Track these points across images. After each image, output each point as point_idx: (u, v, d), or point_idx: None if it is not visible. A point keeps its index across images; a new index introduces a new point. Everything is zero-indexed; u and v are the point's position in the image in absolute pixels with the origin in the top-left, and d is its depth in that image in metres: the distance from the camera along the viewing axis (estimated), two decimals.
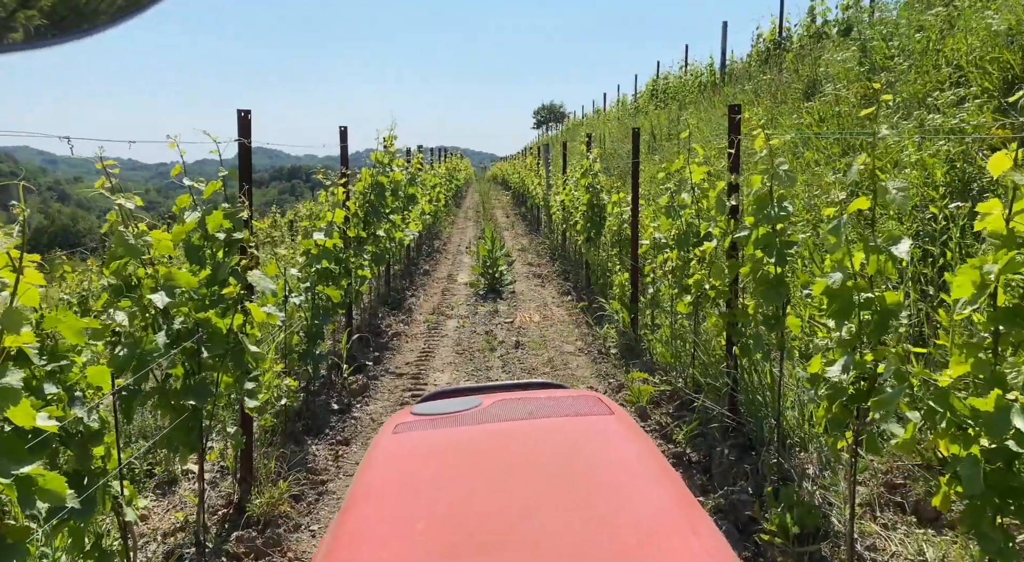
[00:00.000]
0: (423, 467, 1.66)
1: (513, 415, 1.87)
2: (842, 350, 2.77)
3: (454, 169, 26.49)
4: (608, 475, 1.58)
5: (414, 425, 1.88)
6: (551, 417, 1.87)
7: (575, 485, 1.49)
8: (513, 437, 1.75)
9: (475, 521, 1.39)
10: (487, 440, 1.75)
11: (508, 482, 1.53)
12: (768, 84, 10.32)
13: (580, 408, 1.92)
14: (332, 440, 5.30)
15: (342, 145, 7.11)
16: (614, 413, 1.89)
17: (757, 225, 3.48)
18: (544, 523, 1.35)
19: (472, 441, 1.75)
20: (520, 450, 1.69)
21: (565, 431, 1.79)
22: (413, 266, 13.12)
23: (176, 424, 3.24)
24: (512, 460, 1.64)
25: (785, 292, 3.49)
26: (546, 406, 1.94)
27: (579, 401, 1.99)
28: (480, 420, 1.85)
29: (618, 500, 1.45)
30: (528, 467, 1.59)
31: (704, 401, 4.63)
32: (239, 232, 3.79)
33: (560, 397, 2.05)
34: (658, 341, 6.50)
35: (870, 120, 2.68)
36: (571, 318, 9.07)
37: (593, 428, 1.81)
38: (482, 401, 2.01)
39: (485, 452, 1.69)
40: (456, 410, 1.94)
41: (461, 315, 9.44)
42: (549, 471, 1.56)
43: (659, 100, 19.83)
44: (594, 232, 9.72)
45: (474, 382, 6.49)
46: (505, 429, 1.79)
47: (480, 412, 1.92)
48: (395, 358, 7.42)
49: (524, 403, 1.97)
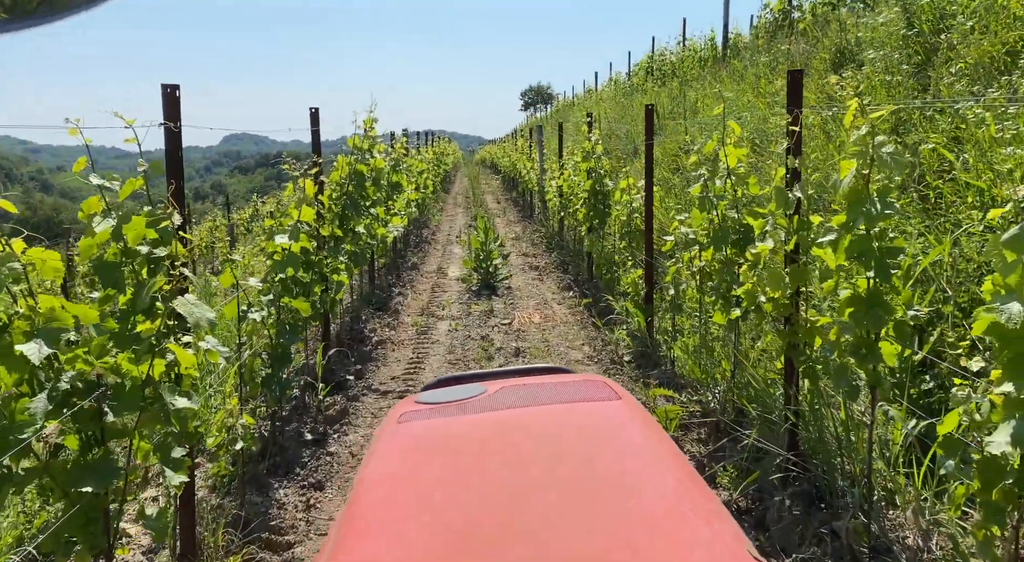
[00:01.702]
0: (429, 458, 1.63)
1: (520, 402, 1.83)
2: (1013, 412, 1.91)
3: (442, 153, 25.45)
4: (618, 463, 1.55)
5: (419, 414, 1.83)
6: (558, 404, 1.83)
7: (584, 475, 1.47)
8: (520, 426, 1.72)
9: (482, 513, 1.37)
10: (493, 429, 1.71)
11: (515, 472, 1.50)
12: (786, 55, 9.39)
13: (587, 393, 1.88)
14: (303, 482, 4.43)
15: (313, 129, 6.19)
16: (621, 398, 1.84)
17: (849, 226, 2.60)
18: (553, 515, 1.33)
19: (478, 430, 1.71)
20: (527, 439, 1.65)
21: (573, 418, 1.75)
22: (400, 259, 12.20)
23: (69, 516, 2.36)
24: (519, 450, 1.60)
25: (886, 314, 2.62)
26: (553, 392, 1.90)
27: (586, 386, 1.94)
28: (486, 408, 1.81)
29: (628, 488, 1.42)
30: (536, 456, 1.56)
31: (755, 438, 3.78)
32: (163, 247, 2.89)
33: (567, 382, 2.00)
34: (682, 351, 5.64)
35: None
36: (575, 318, 8.20)
37: (601, 414, 1.77)
38: (487, 388, 1.95)
39: (491, 442, 1.66)
40: (461, 398, 1.89)
41: (453, 316, 8.55)
42: (557, 460, 1.53)
43: (656, 77, 18.87)
44: (597, 221, 8.83)
45: None
46: (511, 417, 1.75)
47: (486, 399, 1.87)
48: (379, 371, 6.53)
49: (530, 389, 1.92)
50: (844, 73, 7.05)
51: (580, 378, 2.06)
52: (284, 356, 4.62)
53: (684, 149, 10.38)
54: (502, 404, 1.82)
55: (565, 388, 1.93)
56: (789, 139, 3.38)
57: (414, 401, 1.94)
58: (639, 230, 7.37)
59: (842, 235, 2.66)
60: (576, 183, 10.15)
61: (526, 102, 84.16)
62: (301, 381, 5.48)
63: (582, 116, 23.92)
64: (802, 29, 11.11)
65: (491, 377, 2.15)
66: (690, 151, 10.22)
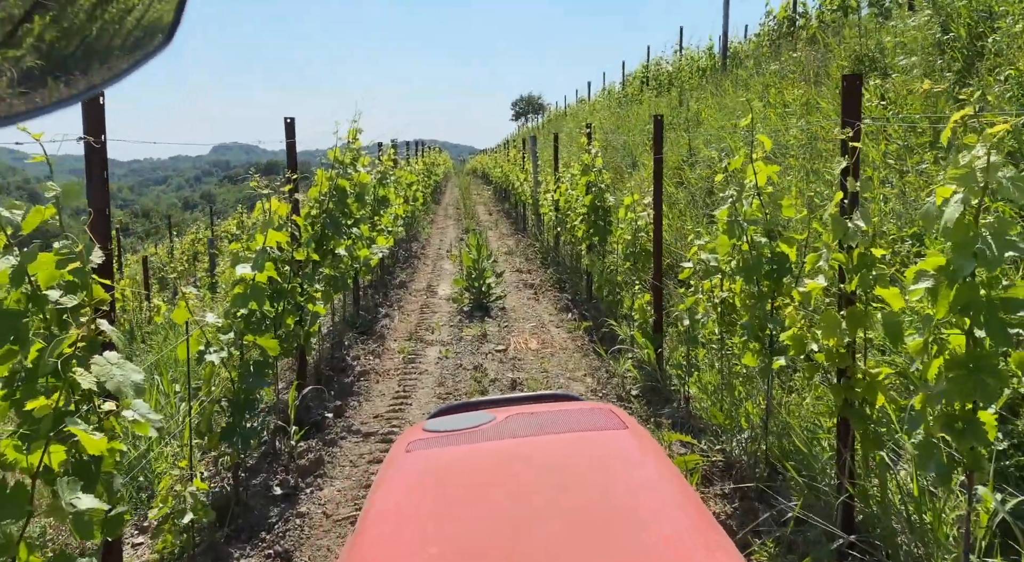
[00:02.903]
0: (437, 488, 1.61)
1: (528, 431, 1.81)
2: None
3: (432, 164, 24.82)
4: (626, 495, 1.53)
5: (427, 443, 1.81)
6: (567, 433, 1.80)
7: (592, 506, 1.46)
8: (528, 456, 1.71)
9: (490, 545, 1.35)
10: (502, 460, 1.70)
11: (523, 504, 1.49)
12: (797, 62, 8.84)
13: (596, 422, 1.87)
14: (268, 550, 3.81)
15: (288, 141, 5.59)
16: (629, 427, 1.83)
17: (953, 270, 2.02)
18: (560, 547, 1.32)
19: (487, 461, 1.70)
20: (536, 469, 1.64)
21: (582, 448, 1.75)
22: (388, 276, 11.58)
23: None
24: (528, 480, 1.59)
25: (999, 384, 2.04)
26: (561, 421, 1.88)
27: (593, 415, 1.93)
28: (494, 437, 1.79)
29: (637, 521, 1.41)
30: (544, 487, 1.55)
31: (800, 511, 3.18)
32: (75, 294, 2.29)
33: (575, 410, 1.99)
34: (699, 389, 5.06)
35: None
36: (575, 344, 7.60)
37: (610, 444, 1.76)
38: (495, 415, 1.93)
39: (500, 472, 1.64)
40: (469, 426, 1.87)
41: (443, 341, 7.94)
42: (565, 491, 1.52)
43: (653, 87, 18.36)
44: (597, 239, 8.25)
45: None
46: (520, 447, 1.74)
47: (494, 428, 1.85)
48: (362, 408, 5.91)
49: (539, 417, 1.90)
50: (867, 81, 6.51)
51: (588, 406, 2.04)
52: (248, 403, 4.01)
53: (688, 162, 9.83)
54: (511, 433, 1.81)
55: (573, 416, 1.92)
56: (848, 157, 2.80)
57: (422, 429, 1.93)
58: (645, 250, 6.81)
59: (940, 281, 2.08)
60: (574, 197, 9.58)
61: (517, 112, 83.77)
62: (271, 424, 4.86)
63: (575, 126, 23.37)
64: (809, 36, 10.59)
65: (499, 404, 2.13)
66: (695, 164, 9.67)
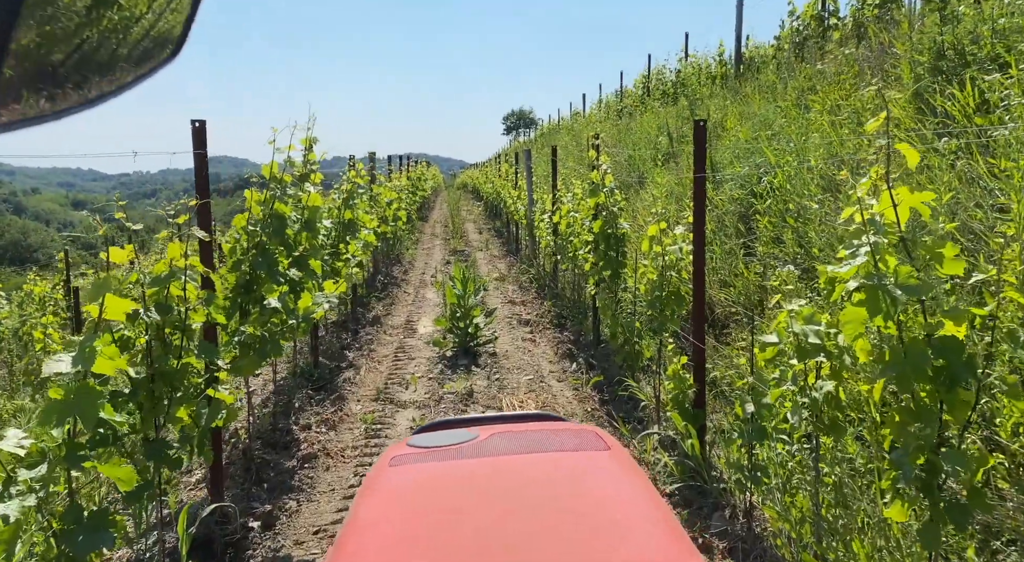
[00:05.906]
0: (419, 503, 1.62)
1: (511, 449, 1.82)
2: None
3: (419, 179, 23.23)
4: (604, 513, 1.54)
5: (411, 458, 1.83)
6: (548, 452, 1.82)
7: (574, 524, 1.47)
8: (511, 473, 1.71)
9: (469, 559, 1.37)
10: (484, 476, 1.70)
11: (505, 520, 1.49)
12: (848, 61, 7.35)
13: (578, 443, 1.87)
14: None
15: (197, 153, 4.06)
16: (610, 448, 1.83)
17: None
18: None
19: (470, 477, 1.71)
20: (518, 487, 1.64)
21: (562, 467, 1.75)
22: (361, 308, 10.02)
23: None
24: (510, 497, 1.59)
25: None
26: (544, 440, 1.89)
27: (577, 435, 1.93)
28: (477, 454, 1.80)
29: (613, 538, 1.43)
30: (526, 504, 1.56)
31: None
32: None
33: (558, 429, 2.00)
34: (773, 510, 3.53)
35: None
36: (583, 407, 6.06)
37: (592, 464, 1.76)
38: (479, 433, 1.94)
39: (482, 488, 1.64)
40: (453, 443, 1.88)
41: (418, 401, 6.38)
42: (547, 509, 1.54)
43: (656, 96, 16.93)
44: (609, 273, 6.75)
45: None
46: (503, 464, 1.75)
47: (477, 445, 1.85)
48: (300, 515, 4.34)
49: (521, 437, 1.92)
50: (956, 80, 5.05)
51: (571, 427, 2.04)
52: None
53: (711, 179, 8.35)
54: (493, 451, 1.81)
55: (556, 436, 1.92)
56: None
57: (406, 444, 1.92)
58: (675, 294, 5.30)
59: None
60: (577, 221, 8.09)
61: (508, 126, 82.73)
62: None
63: (571, 139, 21.89)
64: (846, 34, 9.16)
65: (482, 422, 2.12)
66: (721, 182, 8.18)
